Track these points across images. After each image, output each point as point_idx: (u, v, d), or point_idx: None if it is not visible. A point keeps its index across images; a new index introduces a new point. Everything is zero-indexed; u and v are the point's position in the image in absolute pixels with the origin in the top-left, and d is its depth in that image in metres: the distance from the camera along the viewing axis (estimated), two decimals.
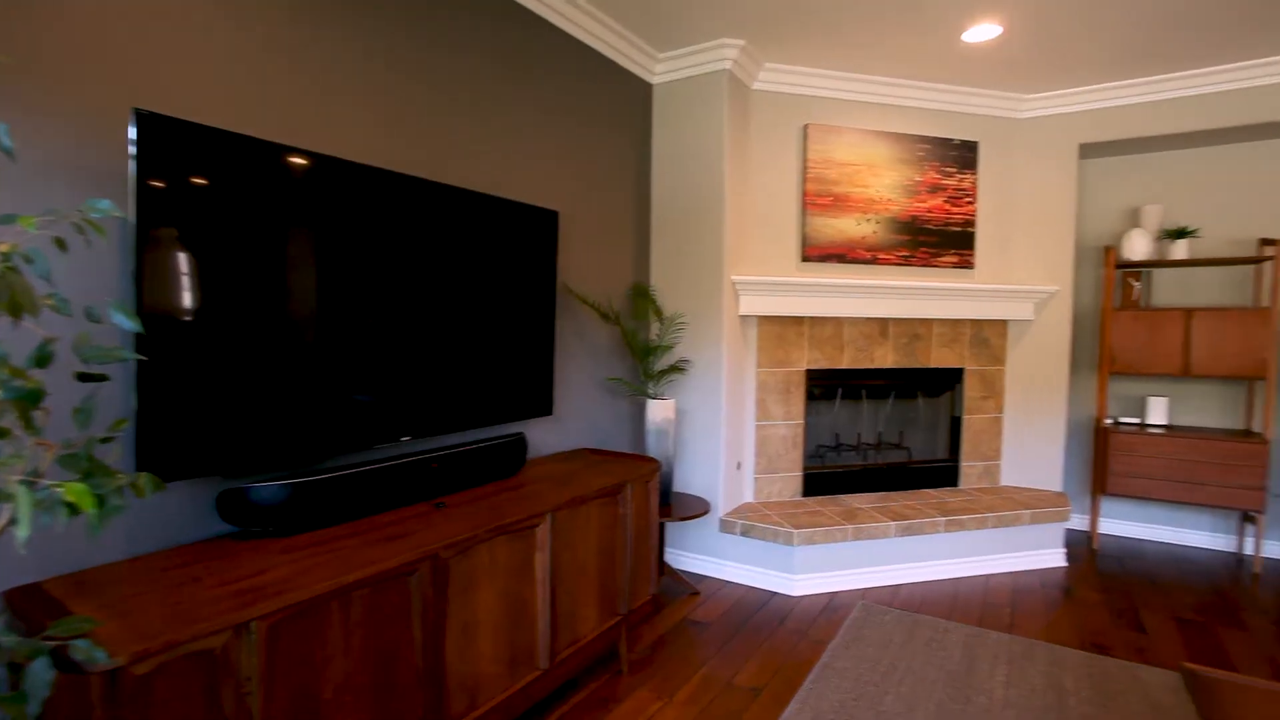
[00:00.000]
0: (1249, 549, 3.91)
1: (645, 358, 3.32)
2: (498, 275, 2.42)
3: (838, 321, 3.77)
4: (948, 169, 3.91)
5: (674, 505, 3.22)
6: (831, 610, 3.14)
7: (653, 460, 2.76)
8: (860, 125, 3.79)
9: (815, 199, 3.70)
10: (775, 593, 3.33)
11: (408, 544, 1.69)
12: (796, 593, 3.31)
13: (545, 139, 2.90)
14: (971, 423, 4.05)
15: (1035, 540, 3.69)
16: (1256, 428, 3.81)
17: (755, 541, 3.38)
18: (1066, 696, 2.40)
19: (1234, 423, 3.96)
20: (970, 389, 4.03)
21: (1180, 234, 3.81)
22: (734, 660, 2.68)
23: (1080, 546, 4.05)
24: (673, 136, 3.53)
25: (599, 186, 3.25)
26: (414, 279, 2.07)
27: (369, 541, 1.69)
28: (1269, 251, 3.64)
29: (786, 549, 3.30)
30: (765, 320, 3.66)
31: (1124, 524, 4.26)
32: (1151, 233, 3.93)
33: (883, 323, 3.84)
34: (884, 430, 4.03)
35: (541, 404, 2.70)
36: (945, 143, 3.90)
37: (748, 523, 3.37)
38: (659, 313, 3.43)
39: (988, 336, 4.04)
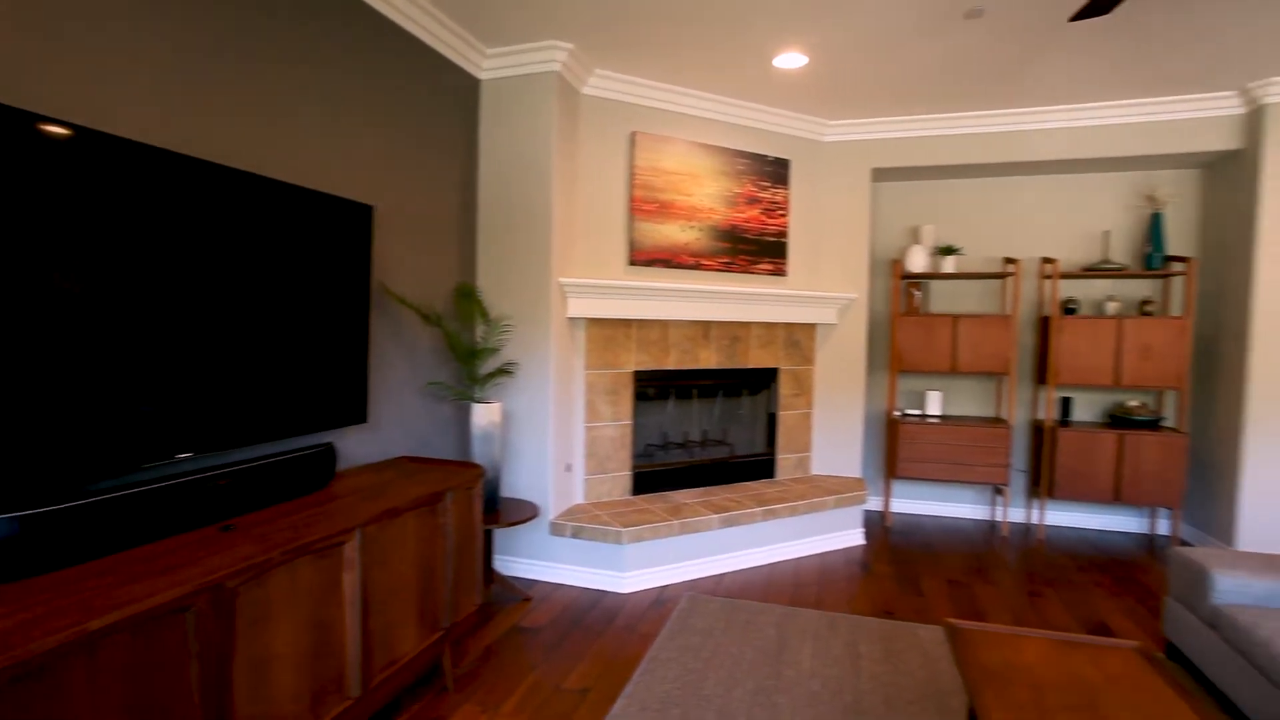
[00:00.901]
0: (999, 516, 4.63)
1: (470, 361, 3.20)
2: (301, 273, 2.20)
3: (664, 324, 3.90)
4: (763, 183, 4.21)
5: (502, 511, 3.14)
6: (660, 604, 3.24)
7: (476, 466, 2.67)
8: (686, 136, 3.96)
9: (642, 205, 3.80)
10: (607, 591, 3.37)
11: (183, 575, 1.47)
12: (627, 589, 3.37)
13: (362, 129, 2.70)
14: (786, 418, 4.40)
15: (839, 523, 4.09)
16: (1004, 415, 4.53)
17: (586, 542, 3.40)
18: (861, 660, 2.68)
19: (988, 411, 4.67)
20: (784, 387, 4.38)
21: (949, 251, 4.42)
22: (564, 663, 2.67)
23: (876, 525, 4.55)
24: (501, 135, 3.45)
25: (423, 182, 3.09)
26: (196, 275, 1.82)
27: (132, 576, 1.45)
28: (1010, 268, 4.34)
29: (616, 548, 3.36)
30: (594, 323, 3.70)
31: (910, 502, 4.85)
32: (928, 249, 4.53)
33: (706, 325, 4.04)
34: (708, 428, 4.25)
35: (354, 411, 2.50)
36: (761, 159, 4.20)
37: (578, 524, 3.38)
38: (485, 315, 3.34)
39: (799, 339, 4.41)
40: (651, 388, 3.99)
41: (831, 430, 4.54)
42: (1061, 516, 4.60)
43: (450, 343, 3.14)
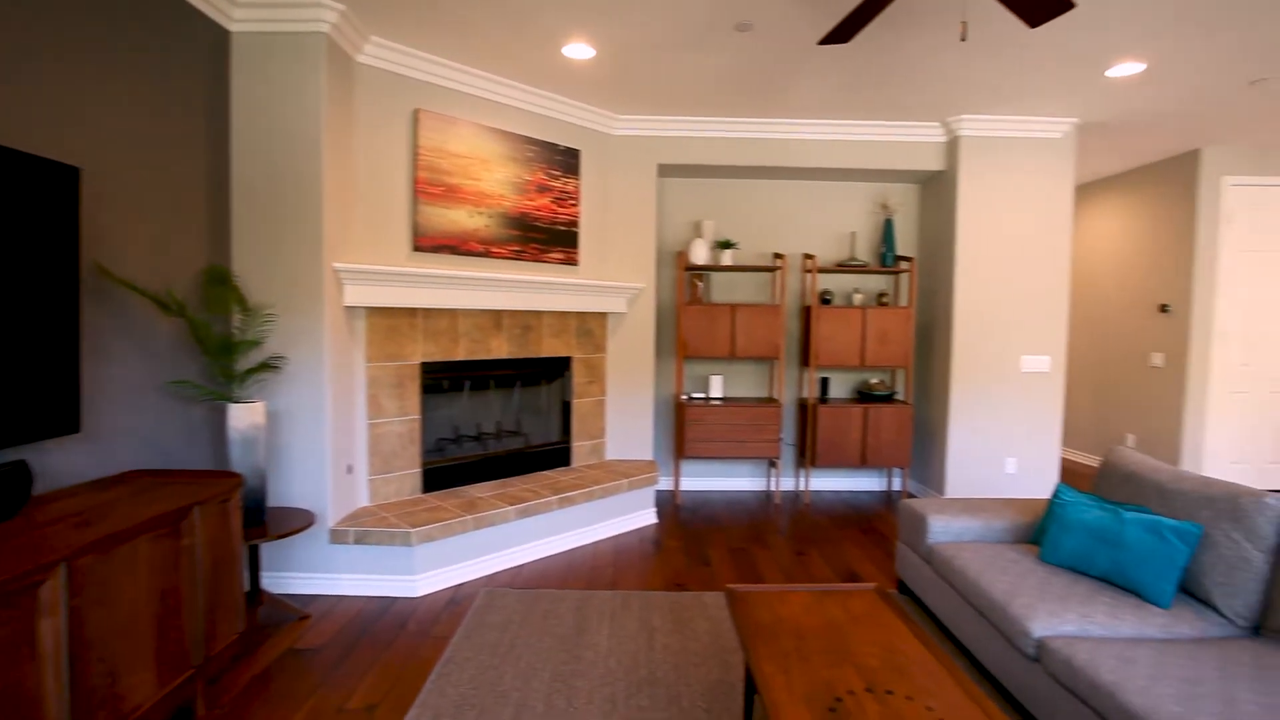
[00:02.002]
0: (774, 486, 5.17)
1: (225, 356, 2.79)
2: None
3: (452, 313, 3.74)
4: (554, 172, 4.21)
5: (270, 523, 2.79)
6: (456, 603, 3.11)
7: (234, 475, 2.34)
8: (475, 119, 3.81)
9: (427, 188, 3.59)
10: (397, 598, 3.16)
11: None
12: (420, 593, 3.20)
13: (71, 76, 2.18)
14: (580, 406, 4.47)
15: (633, 505, 4.25)
16: (775, 395, 5.05)
17: (372, 548, 3.15)
18: (654, 633, 2.81)
19: (763, 392, 5.18)
20: (578, 375, 4.44)
21: (727, 245, 4.79)
22: (348, 681, 2.45)
23: (668, 504, 4.81)
24: (259, 96, 3.02)
25: (159, 146, 2.59)
26: None
27: None
28: (779, 263, 4.83)
29: (406, 550, 3.16)
30: (375, 312, 3.43)
31: (698, 480, 5.21)
32: (709, 243, 4.87)
33: (497, 314, 3.95)
34: (502, 419, 4.17)
35: (60, 419, 2.04)
36: (552, 147, 4.19)
37: (362, 529, 3.12)
38: (243, 302, 2.93)
39: (591, 327, 4.49)
40: (441, 380, 3.81)
41: (624, 416, 4.71)
42: (823, 482, 5.25)
43: (198, 335, 2.70)
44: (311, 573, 3.17)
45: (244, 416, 2.73)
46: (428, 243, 3.61)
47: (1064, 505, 2.52)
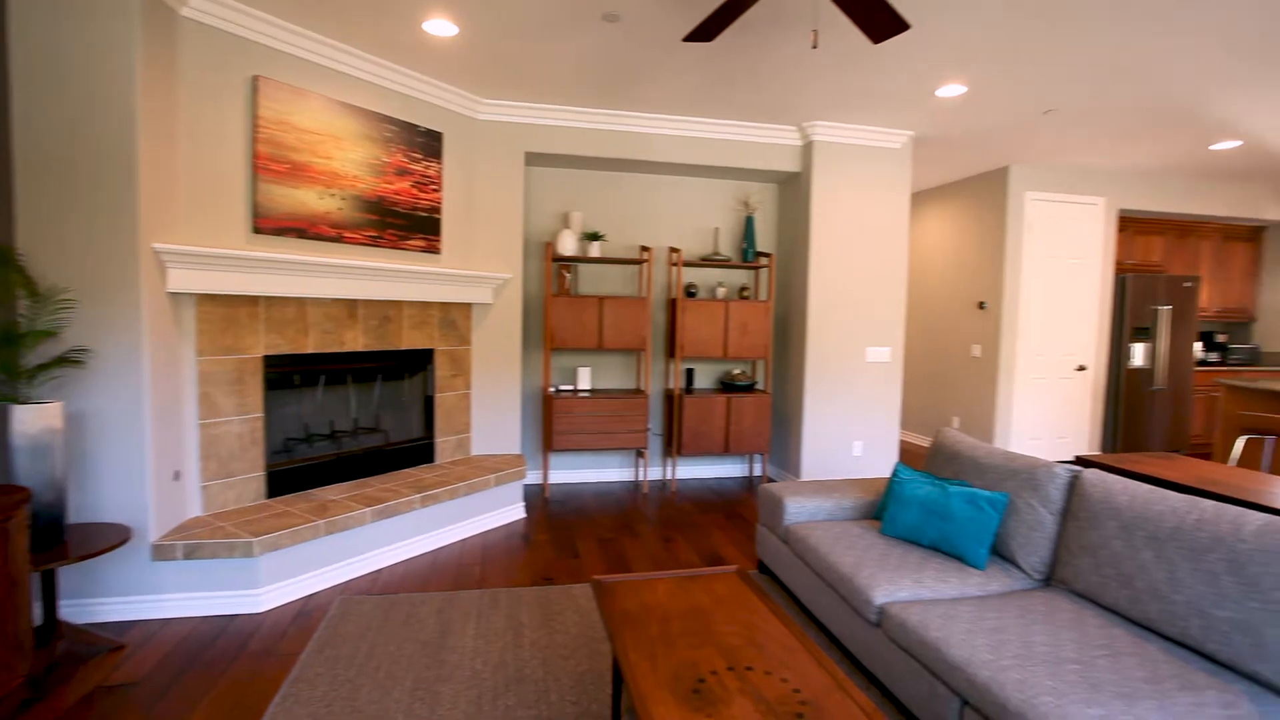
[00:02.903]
0: (642, 476, 5.26)
1: (7, 349, 2.37)
2: None
3: (301, 302, 3.44)
4: (414, 154, 3.99)
5: (70, 543, 2.42)
6: (306, 616, 2.88)
7: (18, 490, 2.00)
8: (326, 93, 3.52)
9: (270, 164, 3.27)
10: (237, 615, 2.87)
11: None
12: (265, 607, 2.92)
13: None
14: (444, 400, 4.29)
15: (501, 500, 4.16)
16: (642, 386, 5.13)
17: (206, 562, 2.84)
18: (522, 630, 2.77)
19: (630, 383, 5.25)
20: (441, 368, 4.26)
21: (595, 237, 4.79)
22: (175, 714, 2.19)
23: (537, 498, 4.75)
24: (48, 48, 2.59)
25: None
26: None
27: None
28: (645, 255, 4.91)
29: (248, 561, 2.88)
30: (208, 300, 3.08)
31: (567, 473, 5.19)
32: (576, 234, 4.84)
33: (352, 304, 3.69)
34: (359, 415, 3.91)
35: None
36: (412, 128, 3.96)
37: (193, 542, 2.80)
38: (32, 287, 2.51)
39: (455, 318, 4.32)
40: (290, 374, 3.50)
41: (491, 409, 4.58)
42: (689, 470, 5.42)
43: None
44: (131, 596, 2.80)
45: (33, 420, 2.34)
46: (271, 224, 3.29)
47: (901, 483, 2.77)
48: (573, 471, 5.20)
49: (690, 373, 5.18)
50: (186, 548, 2.79)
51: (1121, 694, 1.65)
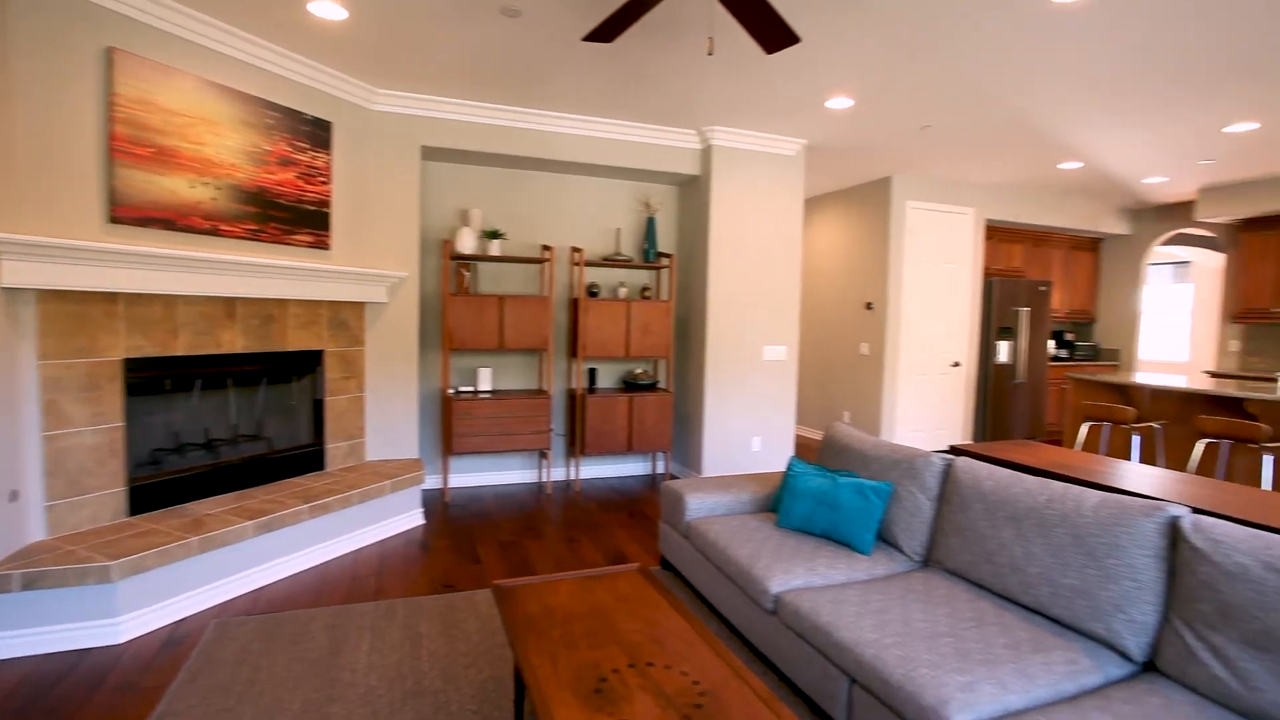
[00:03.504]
0: (545, 477, 5.21)
1: None
2: None
3: (169, 300, 3.16)
4: (300, 144, 3.76)
5: None
6: (176, 643, 2.64)
7: None
8: (199, 73, 3.24)
9: (129, 147, 2.98)
10: (90, 649, 2.59)
11: None
12: (125, 638, 2.66)
13: None
14: (334, 404, 4.06)
15: (398, 506, 3.99)
16: (545, 386, 5.08)
17: (52, 592, 2.54)
18: (421, 640, 2.67)
19: (532, 384, 5.18)
20: (331, 370, 4.03)
21: (495, 235, 4.70)
22: None
23: (436, 503, 4.60)
24: None
25: None
26: None
27: None
28: (547, 255, 4.86)
29: (105, 588, 2.60)
30: (52, 296, 2.76)
31: (468, 476, 5.05)
32: (476, 232, 4.73)
33: (229, 303, 3.42)
34: (240, 422, 3.63)
35: None
36: (297, 116, 3.73)
37: (36, 570, 2.50)
38: None
39: (346, 318, 4.11)
40: (156, 379, 3.19)
41: (386, 413, 4.39)
42: (593, 470, 5.42)
43: None
44: None
45: None
46: (132, 214, 2.99)
47: (795, 476, 2.90)
48: (474, 474, 5.08)
49: (593, 372, 5.18)
50: (26, 577, 2.49)
51: (986, 661, 1.80)
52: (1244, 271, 6.73)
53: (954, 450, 3.63)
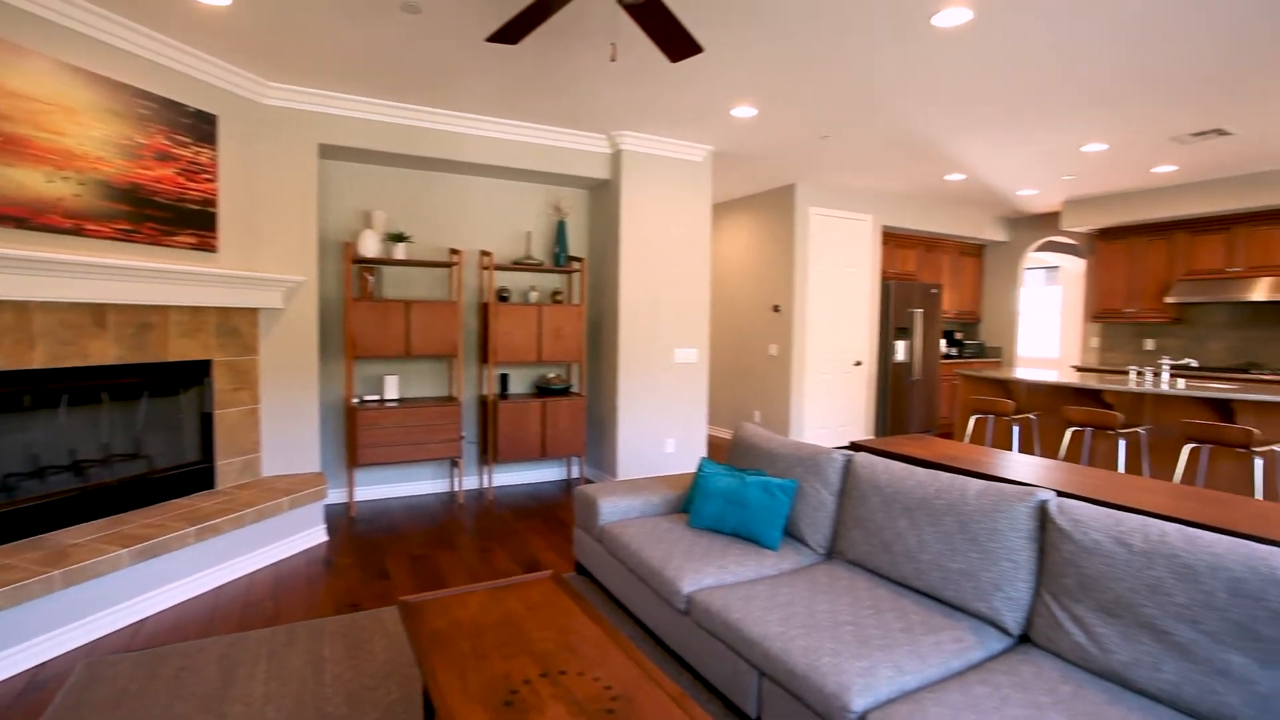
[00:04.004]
0: (457, 486, 5.08)
1: None
2: None
3: (22, 307, 2.85)
4: (181, 137, 3.49)
5: None
6: (35, 691, 2.39)
7: None
8: (53, 53, 2.94)
9: None
10: None
11: None
12: None
13: None
14: (225, 417, 3.80)
15: (298, 524, 3.78)
16: (455, 393, 4.95)
17: None
18: (324, 665, 2.53)
19: (442, 391, 5.04)
20: (222, 381, 3.77)
21: (400, 238, 4.53)
22: None
23: (341, 518, 4.39)
24: None
25: None
26: None
27: None
28: (455, 258, 4.74)
29: None
30: None
31: (375, 488, 4.85)
32: (380, 234, 4.55)
33: (98, 309, 3.13)
34: (114, 440, 3.32)
35: None
36: (177, 107, 3.46)
37: None
38: None
39: (237, 325, 3.85)
40: (8, 396, 2.87)
41: (284, 425, 4.15)
42: (506, 477, 5.33)
43: None
44: None
45: None
46: None
47: (705, 476, 2.96)
48: (381, 486, 4.88)
49: (505, 378, 5.10)
50: None
51: (884, 645, 1.90)
52: (1100, 276, 7.46)
53: (854, 446, 3.82)
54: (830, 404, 6.89)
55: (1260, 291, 6.09)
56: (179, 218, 3.49)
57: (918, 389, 7.50)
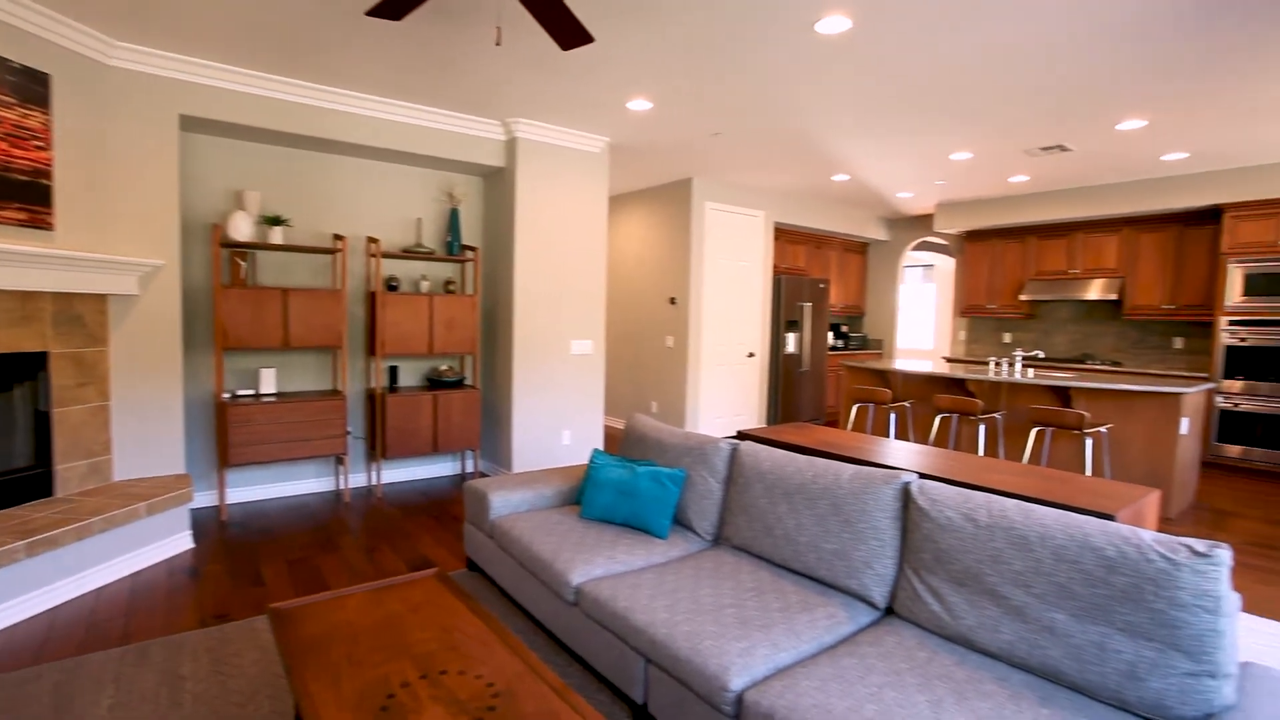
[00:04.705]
0: (342, 484, 4.83)
1: None
2: None
3: None
4: (4, 97, 3.08)
5: None
6: None
7: None
8: None
9: None
10: None
11: None
12: None
13: None
14: (67, 416, 3.41)
15: (158, 531, 3.46)
16: (340, 386, 4.70)
17: None
18: (183, 684, 2.34)
19: (325, 384, 4.77)
20: (61, 376, 3.38)
21: (276, 221, 4.23)
22: None
23: (210, 523, 4.06)
24: None
25: None
26: None
27: None
28: (339, 245, 4.49)
29: None
30: None
31: (250, 489, 4.52)
32: (254, 217, 4.22)
33: None
34: None
35: None
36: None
37: None
38: None
39: (81, 313, 3.46)
40: None
41: (142, 424, 3.78)
42: (397, 473, 5.12)
43: None
44: None
45: None
46: None
47: (597, 468, 2.97)
48: (258, 487, 4.55)
49: (394, 370, 4.89)
50: None
51: (763, 625, 1.99)
52: (967, 274, 8.12)
53: (740, 435, 3.96)
54: (725, 394, 7.11)
55: (1094, 291, 6.84)
56: (2, 189, 3.09)
57: (807, 379, 7.88)
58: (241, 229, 4.10)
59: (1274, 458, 5.70)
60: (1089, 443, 4.64)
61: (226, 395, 4.24)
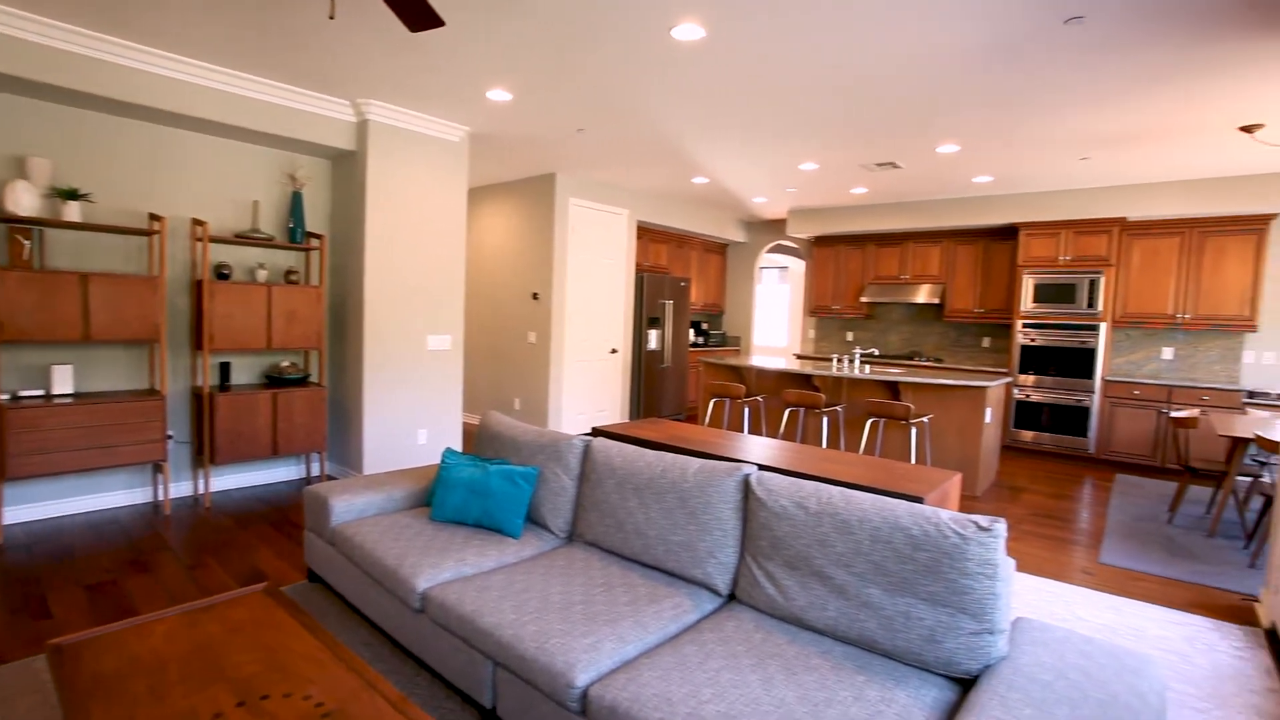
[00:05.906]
0: (162, 495, 4.32)
1: None
2: None
3: None
4: None
5: None
6: None
7: None
8: None
9: None
10: None
11: None
12: None
13: None
14: None
15: None
16: (157, 385, 4.20)
17: None
18: None
19: (141, 383, 4.23)
20: None
21: (72, 195, 3.68)
22: None
23: None
24: None
25: None
26: None
27: None
28: (156, 226, 4.00)
29: None
30: None
31: (36, 506, 3.91)
32: (42, 188, 3.65)
33: None
34: None
35: None
36: None
37: None
38: None
39: None
40: None
41: None
42: (229, 480, 4.66)
43: None
44: None
45: None
46: None
47: (448, 467, 2.88)
48: (51, 503, 3.96)
49: (225, 367, 4.45)
50: None
51: (610, 620, 2.02)
52: (815, 277, 8.73)
53: (595, 432, 4.00)
54: (588, 390, 7.15)
55: (922, 295, 7.61)
56: None
57: (669, 375, 8.11)
58: (23, 201, 3.53)
59: (1058, 441, 6.65)
60: (914, 432, 5.17)
61: (6, 397, 3.64)
